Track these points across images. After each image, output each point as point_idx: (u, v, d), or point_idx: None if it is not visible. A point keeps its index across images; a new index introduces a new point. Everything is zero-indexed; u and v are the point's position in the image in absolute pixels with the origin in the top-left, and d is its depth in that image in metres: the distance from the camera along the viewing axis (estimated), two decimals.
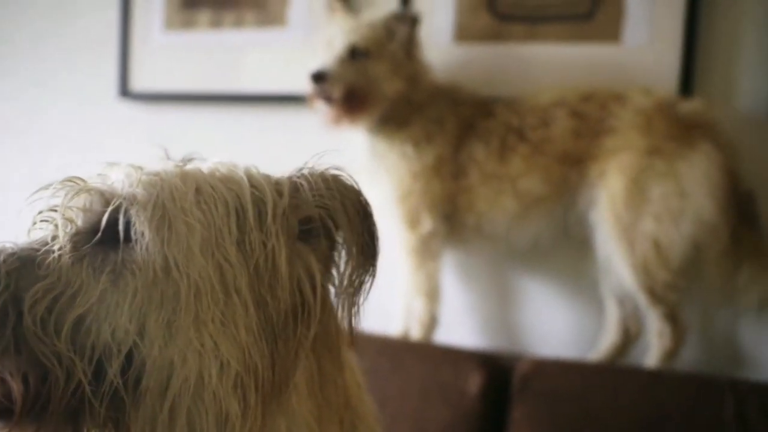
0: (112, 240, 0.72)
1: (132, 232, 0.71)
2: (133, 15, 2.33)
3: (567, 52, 1.90)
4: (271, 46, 2.18)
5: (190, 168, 0.77)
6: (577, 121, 1.75)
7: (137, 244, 0.70)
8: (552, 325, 1.96)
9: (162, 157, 0.88)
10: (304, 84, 1.80)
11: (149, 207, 0.71)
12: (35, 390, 0.70)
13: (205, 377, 0.70)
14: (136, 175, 0.73)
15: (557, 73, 1.90)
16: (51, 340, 0.69)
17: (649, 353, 1.74)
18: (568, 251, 1.90)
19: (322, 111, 1.83)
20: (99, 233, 0.71)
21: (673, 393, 1.56)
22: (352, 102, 1.79)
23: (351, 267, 0.78)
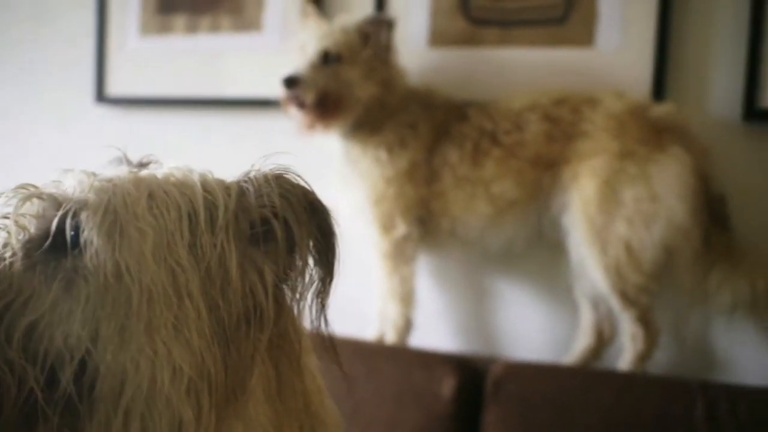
0: (65, 246, 0.72)
1: (82, 237, 0.70)
2: (109, 20, 2.32)
3: (541, 56, 1.91)
4: (247, 50, 2.18)
5: (144, 173, 0.77)
6: (550, 125, 1.76)
7: (87, 249, 0.70)
8: (527, 329, 1.97)
9: (120, 161, 0.88)
10: (278, 89, 1.80)
11: (100, 212, 0.70)
12: None
13: (158, 383, 0.69)
14: (88, 181, 0.73)
15: (531, 77, 1.91)
16: (2, 347, 0.69)
17: (623, 356, 1.75)
18: (542, 255, 1.91)
19: (295, 117, 1.83)
20: (49, 239, 0.71)
21: (646, 395, 1.57)
22: (325, 107, 1.79)
23: (303, 266, 0.77)
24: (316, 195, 0.79)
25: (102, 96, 2.35)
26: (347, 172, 1.88)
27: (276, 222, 0.76)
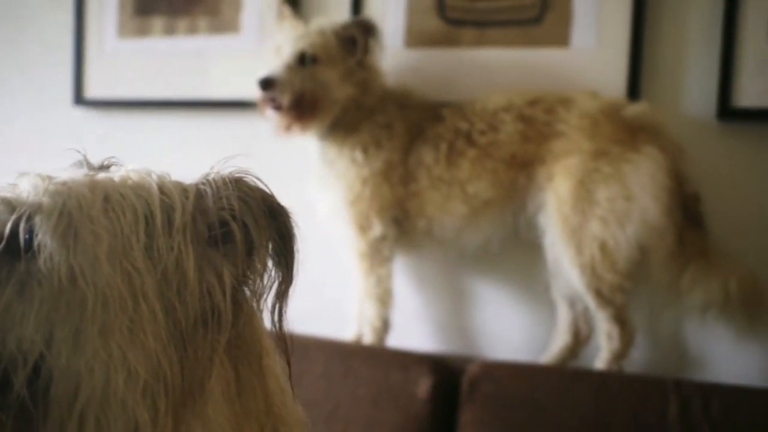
0: (18, 250, 0.72)
1: (35, 241, 0.70)
2: (87, 22, 2.31)
3: (516, 56, 1.91)
4: (226, 52, 2.18)
5: (100, 176, 0.77)
6: (525, 125, 1.76)
7: (41, 253, 0.70)
8: (505, 329, 1.97)
9: (80, 164, 0.87)
10: (255, 90, 1.80)
11: (54, 216, 0.70)
12: None
13: (113, 386, 0.69)
14: (43, 185, 0.73)
15: (507, 77, 1.91)
16: None
17: (599, 355, 1.76)
18: (520, 255, 1.91)
19: (272, 118, 1.83)
20: (3, 243, 0.71)
21: (621, 394, 1.57)
22: (301, 109, 1.79)
23: (262, 268, 0.77)
24: (275, 198, 0.79)
25: (80, 98, 2.34)
26: (324, 173, 1.88)
27: (234, 224, 0.76)
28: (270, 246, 0.78)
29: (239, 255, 0.77)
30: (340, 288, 2.00)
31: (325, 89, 1.79)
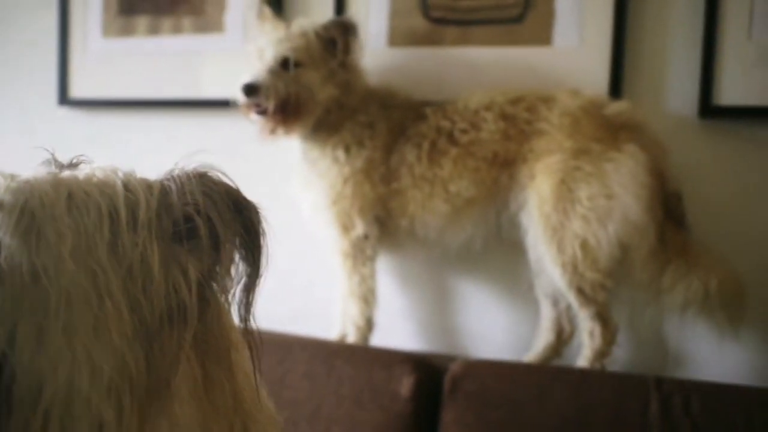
0: None
1: None
2: (72, 22, 2.31)
3: (499, 54, 1.91)
4: (210, 52, 2.17)
5: (64, 174, 0.76)
6: (507, 124, 1.76)
7: (2, 251, 0.69)
8: (489, 327, 1.98)
9: (49, 162, 0.87)
10: (239, 95, 1.79)
11: (15, 214, 0.70)
12: None
13: (77, 384, 0.69)
14: (4, 183, 0.73)
15: (491, 76, 1.91)
16: None
17: (582, 353, 1.76)
18: (503, 253, 1.92)
19: (256, 122, 1.82)
20: None
21: (601, 391, 1.58)
22: (286, 113, 1.78)
23: (228, 263, 0.77)
24: (240, 192, 0.79)
25: (65, 98, 2.33)
26: (306, 172, 1.88)
27: (199, 219, 0.76)
28: (237, 240, 0.77)
29: (204, 250, 0.77)
30: (329, 288, 1.99)
31: (309, 92, 1.78)
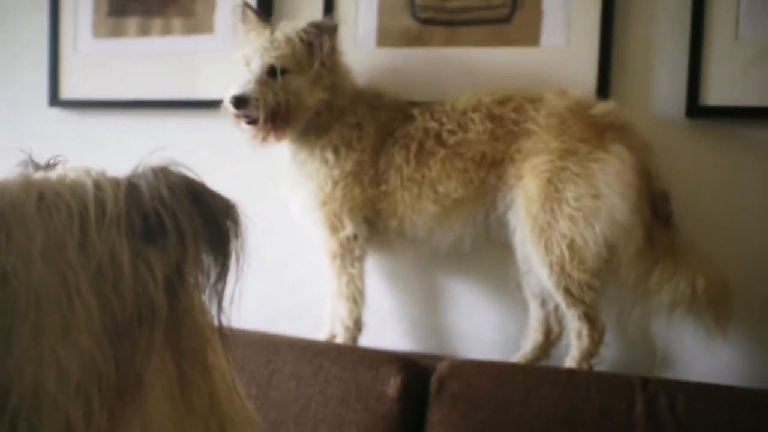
0: None
1: None
2: (62, 23, 2.31)
3: (487, 55, 1.91)
4: (200, 52, 2.18)
5: (36, 176, 0.77)
6: (494, 124, 1.76)
7: None
8: (478, 327, 1.98)
9: (26, 164, 0.88)
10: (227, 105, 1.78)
11: None
12: None
13: (43, 386, 0.70)
14: None
15: (479, 76, 1.91)
16: None
17: (569, 354, 1.76)
18: (492, 253, 1.91)
19: (247, 131, 1.81)
20: None
21: (587, 392, 1.57)
22: (276, 121, 1.78)
23: (194, 256, 0.77)
24: (200, 184, 0.79)
25: (56, 99, 2.34)
26: (295, 174, 1.88)
27: (165, 213, 0.76)
28: (200, 233, 0.77)
29: (171, 244, 0.77)
30: (319, 288, 1.99)
31: (298, 98, 1.78)
